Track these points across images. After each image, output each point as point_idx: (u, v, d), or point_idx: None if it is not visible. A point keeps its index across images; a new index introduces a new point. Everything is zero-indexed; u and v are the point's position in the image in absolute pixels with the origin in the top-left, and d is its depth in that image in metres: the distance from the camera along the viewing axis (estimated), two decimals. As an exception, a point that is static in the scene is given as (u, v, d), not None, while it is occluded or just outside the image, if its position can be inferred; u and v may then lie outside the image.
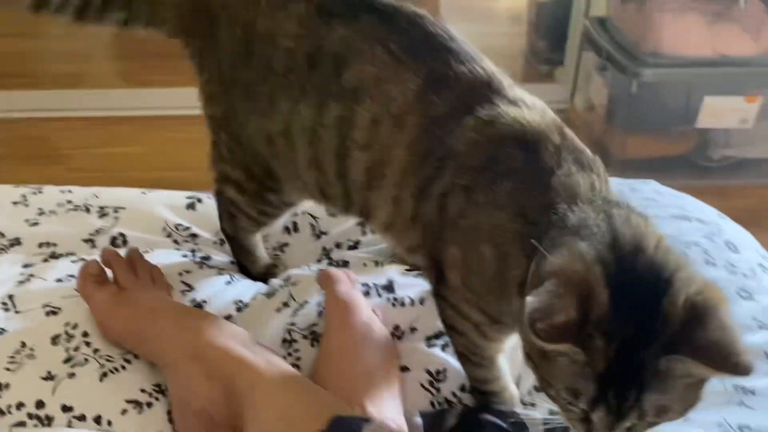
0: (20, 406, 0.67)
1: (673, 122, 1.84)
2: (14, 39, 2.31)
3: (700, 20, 1.71)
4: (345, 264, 0.89)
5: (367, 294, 0.83)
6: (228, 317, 0.80)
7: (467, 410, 0.68)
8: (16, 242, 0.89)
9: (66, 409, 0.67)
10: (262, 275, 0.90)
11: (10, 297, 0.79)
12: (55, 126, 2.01)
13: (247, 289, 0.85)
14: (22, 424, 0.66)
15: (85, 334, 0.73)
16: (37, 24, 2.24)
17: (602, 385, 0.46)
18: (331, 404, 0.61)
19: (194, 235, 0.93)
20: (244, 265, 0.90)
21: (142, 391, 0.70)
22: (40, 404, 0.67)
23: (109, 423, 0.67)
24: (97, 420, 0.67)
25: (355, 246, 0.93)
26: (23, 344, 0.72)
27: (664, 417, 0.47)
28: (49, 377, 0.69)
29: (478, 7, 2.80)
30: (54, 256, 0.87)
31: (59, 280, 0.81)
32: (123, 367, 0.71)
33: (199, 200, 0.96)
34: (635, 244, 0.47)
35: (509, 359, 0.73)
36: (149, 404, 0.69)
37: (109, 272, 0.78)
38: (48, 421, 0.66)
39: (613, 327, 0.44)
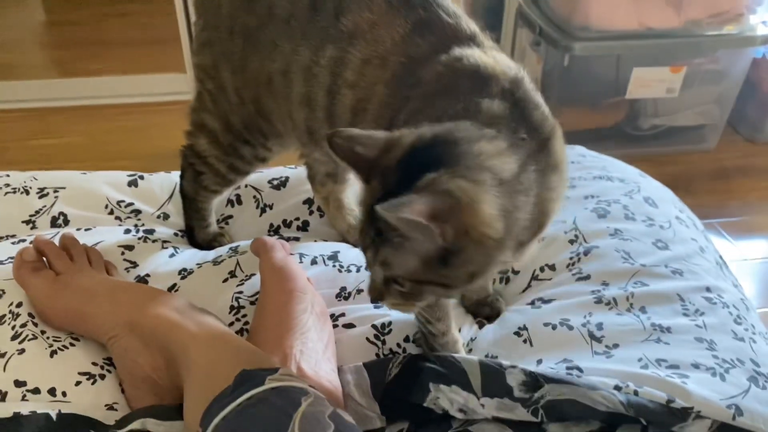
0: (-29, 384, 0.67)
1: (605, 94, 1.91)
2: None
3: (626, -6, 1.79)
4: (296, 240, 0.92)
5: (314, 263, 0.86)
6: (173, 287, 0.81)
7: (409, 358, 0.71)
8: (-45, 228, 0.88)
9: (19, 383, 0.67)
10: (209, 243, 0.92)
11: (-47, 282, 0.78)
12: (-13, 118, 1.95)
13: (191, 257, 0.87)
14: (-26, 401, 0.66)
15: (31, 315, 0.74)
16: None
17: (366, 220, 0.56)
18: (251, 360, 0.62)
19: (137, 211, 0.93)
20: (194, 231, 0.91)
21: (94, 364, 0.71)
22: (-9, 381, 0.67)
23: (64, 394, 0.68)
24: (52, 392, 0.68)
25: (304, 228, 0.96)
26: (-31, 326, 0.71)
27: (389, 270, 0.56)
28: (-1, 355, 0.69)
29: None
30: (-6, 239, 0.87)
31: (0, 263, 0.81)
32: (72, 345, 0.72)
33: (141, 177, 0.97)
34: (453, 139, 0.55)
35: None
36: (102, 376, 0.71)
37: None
38: (1, 396, 0.67)
39: (387, 178, 0.55)
